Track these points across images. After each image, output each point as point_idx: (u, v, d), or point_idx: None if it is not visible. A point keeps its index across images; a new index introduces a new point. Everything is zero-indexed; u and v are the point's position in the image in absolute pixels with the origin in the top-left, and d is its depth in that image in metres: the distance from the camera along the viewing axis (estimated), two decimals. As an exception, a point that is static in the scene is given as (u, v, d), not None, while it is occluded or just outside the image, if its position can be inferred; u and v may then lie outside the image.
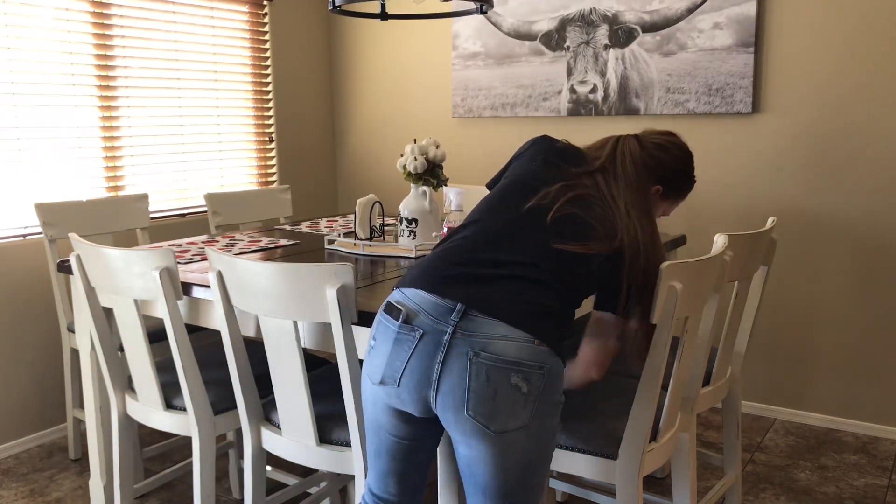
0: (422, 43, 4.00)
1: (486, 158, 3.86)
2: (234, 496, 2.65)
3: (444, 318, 1.39)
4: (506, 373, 1.35)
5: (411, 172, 2.34)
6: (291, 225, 2.97)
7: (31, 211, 2.99)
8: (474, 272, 1.44)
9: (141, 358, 2.04)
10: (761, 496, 2.59)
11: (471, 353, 1.36)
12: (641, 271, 1.52)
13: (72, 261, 2.10)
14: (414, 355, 1.40)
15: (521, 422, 1.38)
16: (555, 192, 1.54)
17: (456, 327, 1.38)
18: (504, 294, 1.40)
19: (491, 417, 1.36)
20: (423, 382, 1.40)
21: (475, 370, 1.36)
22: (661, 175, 1.66)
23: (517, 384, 1.36)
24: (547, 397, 1.40)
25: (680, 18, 3.22)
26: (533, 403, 1.38)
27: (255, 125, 3.93)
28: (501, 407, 1.36)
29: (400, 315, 1.43)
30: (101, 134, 3.22)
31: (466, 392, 1.36)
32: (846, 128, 2.98)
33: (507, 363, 1.36)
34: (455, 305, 1.39)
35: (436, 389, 1.39)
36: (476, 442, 1.39)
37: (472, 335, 1.37)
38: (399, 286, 1.49)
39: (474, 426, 1.37)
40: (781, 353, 3.23)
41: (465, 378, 1.36)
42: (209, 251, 1.82)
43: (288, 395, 1.79)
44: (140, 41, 3.34)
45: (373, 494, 1.59)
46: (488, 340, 1.36)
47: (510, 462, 1.40)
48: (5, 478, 2.79)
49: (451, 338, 1.37)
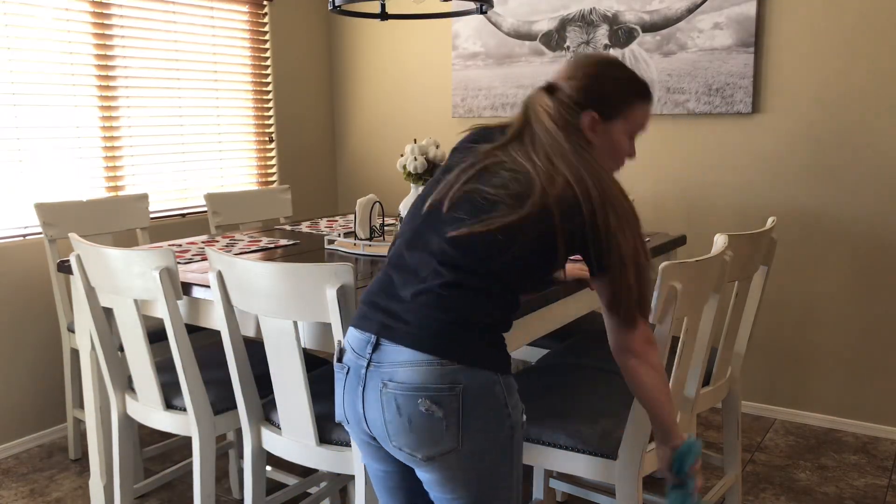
0: (422, 43, 4.00)
1: (486, 158, 3.85)
2: (234, 496, 2.65)
3: (362, 352, 1.34)
4: (412, 399, 1.27)
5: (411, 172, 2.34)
6: (291, 225, 2.97)
7: (31, 211, 2.99)
8: (385, 298, 1.36)
9: (141, 358, 2.04)
10: (761, 496, 2.59)
11: (380, 384, 1.30)
12: (597, 226, 1.30)
13: (72, 261, 2.10)
14: (346, 392, 1.37)
15: (449, 446, 1.29)
16: (453, 178, 1.37)
17: (370, 360, 1.32)
18: (411, 316, 1.31)
19: (415, 447, 1.30)
20: (358, 418, 1.36)
21: (386, 401, 1.30)
22: (585, 100, 1.38)
23: (429, 409, 1.27)
24: (474, 417, 1.28)
25: (680, 18, 3.22)
26: (456, 426, 1.28)
27: (255, 125, 3.93)
28: (420, 435, 1.29)
29: (337, 353, 1.41)
30: (101, 134, 3.22)
31: (385, 424, 1.31)
32: (846, 128, 2.98)
33: (412, 389, 1.27)
34: (370, 338, 1.33)
35: (367, 423, 1.35)
36: (419, 470, 1.34)
37: (381, 365, 1.31)
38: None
39: (405, 456, 1.32)
40: (781, 353, 3.23)
41: (381, 410, 1.31)
42: (209, 251, 1.82)
43: (288, 395, 1.79)
44: (140, 41, 3.34)
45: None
46: (394, 369, 1.29)
47: (458, 484, 1.32)
48: (5, 478, 2.79)
49: (366, 371, 1.32)
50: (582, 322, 2.70)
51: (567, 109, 1.37)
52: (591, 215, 1.30)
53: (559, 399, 1.92)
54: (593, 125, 1.39)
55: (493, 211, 1.30)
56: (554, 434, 1.77)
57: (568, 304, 1.97)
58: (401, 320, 1.31)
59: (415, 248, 1.36)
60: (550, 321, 1.92)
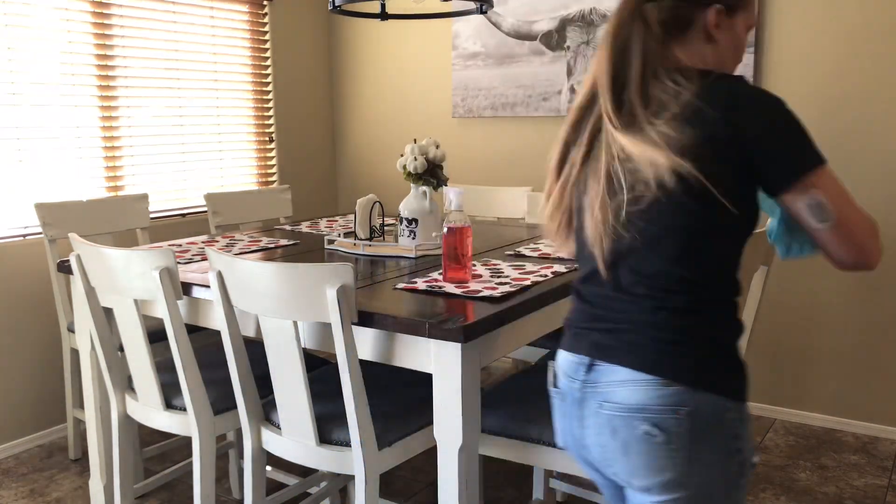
0: (422, 43, 4.00)
1: (486, 158, 3.86)
2: (234, 496, 2.65)
3: (576, 374, 1.24)
4: (629, 421, 1.16)
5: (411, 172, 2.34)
6: (291, 225, 2.97)
7: (31, 211, 2.99)
8: (598, 315, 1.24)
9: (141, 358, 2.04)
10: (761, 496, 2.59)
11: (596, 406, 1.20)
12: (753, 130, 1.11)
13: (72, 261, 2.10)
14: (563, 417, 1.28)
15: (668, 477, 1.16)
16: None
17: (585, 381, 1.22)
18: (623, 331, 1.19)
19: (630, 473, 1.19)
20: (576, 443, 1.27)
21: (602, 423, 1.20)
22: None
23: (648, 433, 1.15)
24: (699, 448, 1.14)
25: (680, 18, 3.21)
26: (678, 456, 1.14)
27: (255, 125, 3.93)
28: (637, 461, 1.17)
29: (551, 379, 1.32)
30: (101, 134, 3.22)
31: (601, 448, 1.21)
32: (846, 128, 2.98)
33: (629, 410, 1.16)
34: (583, 359, 1.23)
35: (585, 448, 1.25)
36: (639, 501, 1.23)
37: (596, 385, 1.20)
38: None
39: (626, 484, 1.22)
40: (781, 353, 3.23)
41: (597, 434, 1.21)
42: (209, 251, 1.82)
43: (288, 395, 1.79)
44: (140, 41, 3.34)
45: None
46: (611, 389, 1.18)
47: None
48: (5, 478, 2.79)
49: (581, 393, 1.23)
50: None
51: (675, 22, 1.21)
52: (752, 129, 1.14)
53: (559, 399, 1.91)
54: (717, 22, 1.22)
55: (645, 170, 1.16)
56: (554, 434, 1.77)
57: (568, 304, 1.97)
58: (614, 336, 1.21)
59: (616, 255, 1.23)
60: (550, 321, 1.93)
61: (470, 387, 1.61)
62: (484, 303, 1.71)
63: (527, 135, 3.72)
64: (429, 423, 1.85)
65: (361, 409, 1.68)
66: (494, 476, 2.76)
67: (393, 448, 1.78)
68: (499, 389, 2.00)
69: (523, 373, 2.13)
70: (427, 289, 1.83)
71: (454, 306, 1.68)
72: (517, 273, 1.98)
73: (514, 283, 1.87)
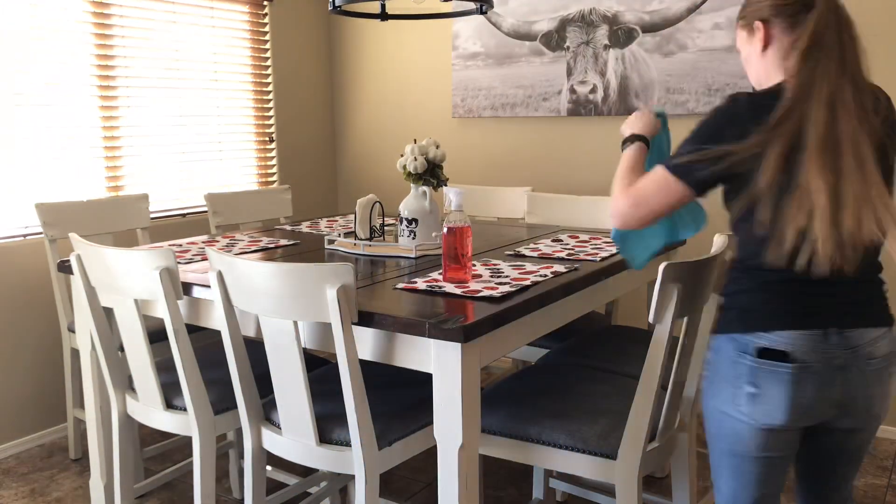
0: (422, 43, 4.00)
1: (486, 158, 3.86)
2: (234, 496, 2.65)
3: (829, 345, 1.39)
4: (886, 370, 1.43)
5: (411, 172, 2.34)
6: (291, 225, 2.97)
7: (31, 211, 2.99)
8: (825, 289, 1.41)
9: (141, 358, 2.05)
10: (761, 496, 2.59)
11: (863, 365, 1.40)
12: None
13: (72, 261, 2.10)
14: (809, 388, 1.40)
15: (887, 408, 1.48)
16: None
17: (846, 347, 1.40)
18: (861, 295, 1.43)
19: (883, 413, 1.47)
20: (825, 407, 1.42)
21: (873, 378, 1.41)
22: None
23: (892, 373, 1.45)
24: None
25: (680, 19, 3.22)
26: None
27: (255, 125, 3.93)
28: (887, 400, 1.46)
29: (784, 356, 1.40)
30: (101, 134, 3.22)
31: (868, 400, 1.43)
32: (846, 128, 2.97)
33: (887, 360, 1.43)
34: (830, 330, 1.39)
35: (842, 405, 1.42)
36: (867, 435, 1.49)
37: (856, 349, 1.40)
38: (763, 329, 1.42)
39: (875, 423, 1.47)
40: (781, 353, 3.22)
41: (865, 387, 1.41)
42: (209, 251, 1.82)
43: (288, 395, 1.79)
44: (140, 41, 3.34)
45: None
46: (871, 348, 1.40)
47: (866, 448, 1.53)
48: (5, 478, 2.79)
49: (841, 360, 1.39)
50: (582, 322, 2.70)
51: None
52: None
53: (559, 399, 1.92)
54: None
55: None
56: (554, 434, 1.77)
57: (568, 304, 1.98)
58: (855, 303, 1.42)
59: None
60: (550, 321, 1.93)
61: (470, 387, 1.62)
62: (484, 303, 1.71)
63: (527, 135, 3.72)
64: (429, 423, 1.86)
65: (361, 409, 1.68)
66: (494, 476, 2.76)
67: (393, 448, 1.79)
68: (499, 389, 2.01)
69: (523, 373, 2.14)
70: (427, 289, 1.83)
71: (454, 306, 1.68)
72: (517, 273, 1.98)
73: (514, 283, 1.87)
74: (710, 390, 1.49)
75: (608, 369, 2.16)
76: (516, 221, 3.20)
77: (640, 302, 3.41)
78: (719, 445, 1.51)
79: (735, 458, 1.49)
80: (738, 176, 1.39)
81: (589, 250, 2.29)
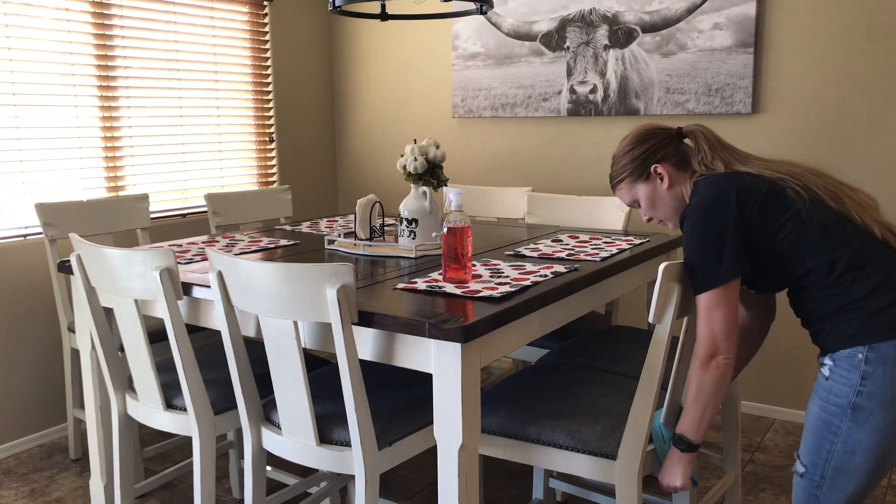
0: (422, 43, 4.00)
1: (486, 158, 3.86)
2: (234, 496, 2.65)
3: None
4: None
5: (411, 172, 2.34)
6: (291, 225, 2.97)
7: (31, 211, 2.99)
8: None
9: (141, 358, 2.05)
10: (761, 496, 2.59)
11: None
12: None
13: (72, 261, 2.10)
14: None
15: None
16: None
17: None
18: None
19: None
20: None
21: None
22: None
23: None
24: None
25: (680, 19, 3.22)
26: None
27: (255, 125, 3.94)
28: None
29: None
30: (101, 134, 3.22)
31: None
32: (846, 128, 2.98)
33: None
34: None
35: None
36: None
37: None
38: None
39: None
40: (781, 353, 3.23)
41: None
42: (209, 251, 1.82)
43: (288, 395, 1.79)
44: (140, 41, 3.34)
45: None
46: None
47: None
48: (5, 478, 2.79)
49: None
50: (582, 322, 2.70)
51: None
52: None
53: (559, 399, 1.92)
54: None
55: None
56: (554, 434, 1.77)
57: (568, 304, 1.98)
58: None
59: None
60: (550, 321, 1.93)
61: (470, 387, 1.62)
62: (484, 303, 1.71)
63: (527, 135, 3.72)
64: (429, 423, 1.86)
65: (361, 409, 1.68)
66: (494, 476, 2.76)
67: (393, 448, 1.79)
68: (499, 389, 2.01)
69: (523, 373, 2.14)
70: (427, 289, 1.83)
71: (454, 306, 1.69)
72: (517, 273, 1.98)
73: (514, 283, 1.87)
74: (875, 405, 1.51)
75: (608, 369, 2.16)
76: (516, 221, 3.21)
77: (640, 302, 3.41)
78: (872, 456, 1.52)
79: (885, 463, 1.53)
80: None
81: (589, 250, 2.29)
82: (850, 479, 1.53)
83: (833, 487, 1.54)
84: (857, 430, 1.50)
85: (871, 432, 1.49)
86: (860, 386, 1.50)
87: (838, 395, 1.52)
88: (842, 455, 1.52)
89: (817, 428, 1.56)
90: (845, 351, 1.52)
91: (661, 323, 1.65)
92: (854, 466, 1.52)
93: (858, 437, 1.50)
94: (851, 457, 1.51)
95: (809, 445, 1.58)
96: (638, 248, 2.34)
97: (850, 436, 1.51)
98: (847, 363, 1.52)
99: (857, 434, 1.50)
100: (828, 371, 1.56)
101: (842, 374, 1.53)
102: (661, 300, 1.62)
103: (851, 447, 1.51)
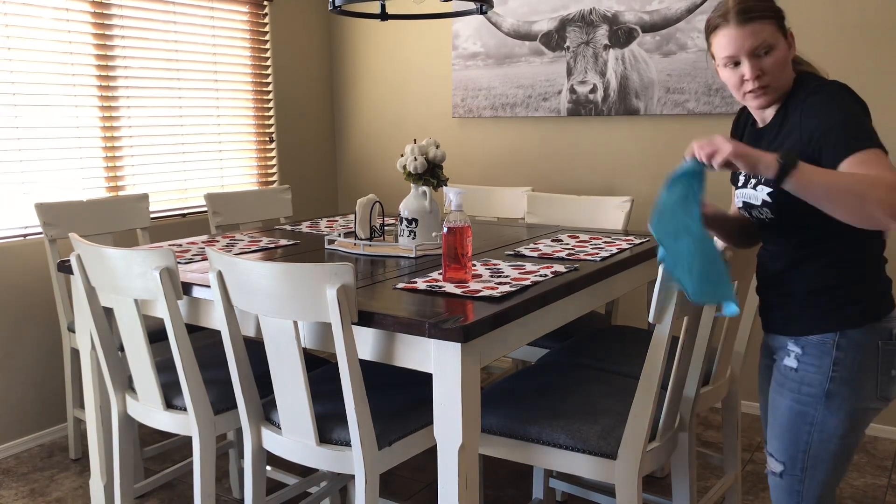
0: (422, 43, 4.00)
1: (486, 158, 3.86)
2: (234, 496, 2.65)
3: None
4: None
5: (411, 172, 2.34)
6: (291, 225, 2.97)
7: (31, 211, 2.99)
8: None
9: (141, 358, 2.05)
10: (761, 496, 2.59)
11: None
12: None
13: (72, 261, 2.10)
14: None
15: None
16: None
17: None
18: None
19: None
20: None
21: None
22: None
23: None
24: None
25: (680, 19, 3.22)
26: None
27: (255, 125, 3.93)
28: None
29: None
30: (101, 134, 3.22)
31: None
32: (846, 128, 2.98)
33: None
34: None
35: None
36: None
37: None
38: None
39: None
40: (781, 353, 3.22)
41: None
42: (209, 251, 1.82)
43: (288, 395, 1.79)
44: (140, 41, 3.34)
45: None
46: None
47: None
48: (5, 478, 2.79)
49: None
50: (582, 322, 2.70)
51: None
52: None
53: (559, 399, 1.92)
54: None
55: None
56: (554, 434, 1.77)
57: (568, 304, 1.98)
58: None
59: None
60: (550, 321, 1.93)
61: (470, 387, 1.62)
62: (484, 303, 1.71)
63: (527, 135, 3.72)
64: (429, 423, 1.85)
65: (361, 409, 1.68)
66: (494, 476, 2.76)
67: (393, 448, 1.79)
68: (499, 389, 2.01)
69: (523, 373, 2.14)
70: (427, 289, 1.83)
71: (454, 306, 1.69)
72: (517, 273, 1.98)
73: (514, 283, 1.87)
74: (847, 391, 1.50)
75: (608, 369, 2.16)
76: (516, 221, 3.20)
77: (640, 302, 3.41)
78: (847, 442, 1.52)
79: (854, 447, 1.52)
80: None
81: (589, 250, 2.29)
82: (827, 468, 1.53)
83: (813, 479, 1.54)
84: (832, 417, 1.50)
85: (844, 418, 1.50)
86: (832, 372, 1.50)
87: (811, 384, 1.52)
88: (819, 444, 1.52)
89: (791, 422, 1.55)
90: (815, 337, 1.52)
91: (661, 323, 1.65)
92: (830, 455, 1.52)
93: (833, 423, 1.51)
94: (828, 445, 1.52)
95: (785, 441, 1.56)
96: (638, 248, 2.34)
97: (826, 423, 1.51)
98: (817, 349, 1.51)
99: (832, 421, 1.50)
100: (794, 360, 1.55)
101: (812, 363, 1.52)
102: (661, 300, 1.62)
103: (828, 435, 1.51)
